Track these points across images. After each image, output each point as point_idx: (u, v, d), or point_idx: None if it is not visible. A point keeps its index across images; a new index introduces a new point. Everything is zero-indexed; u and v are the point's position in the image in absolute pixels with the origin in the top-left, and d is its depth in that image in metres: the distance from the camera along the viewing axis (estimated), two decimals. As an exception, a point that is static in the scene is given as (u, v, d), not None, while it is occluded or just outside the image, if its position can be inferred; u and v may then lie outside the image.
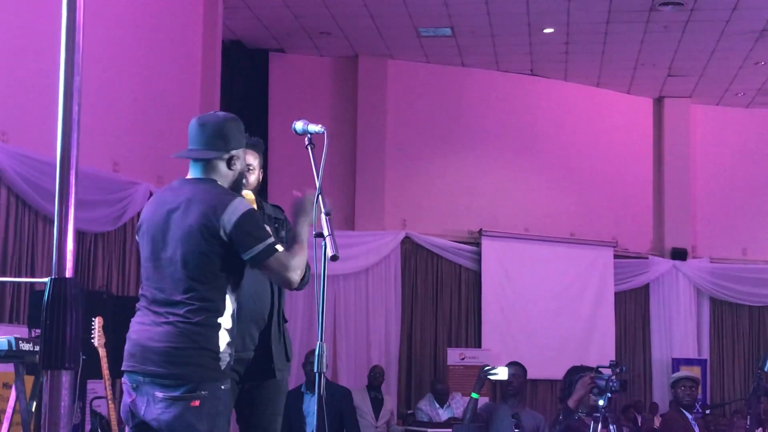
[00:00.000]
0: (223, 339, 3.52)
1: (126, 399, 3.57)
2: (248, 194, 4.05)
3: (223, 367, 3.52)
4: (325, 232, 3.31)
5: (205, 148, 3.62)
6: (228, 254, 3.50)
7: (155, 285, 3.55)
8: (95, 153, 8.80)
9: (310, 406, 8.34)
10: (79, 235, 8.59)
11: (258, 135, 3.74)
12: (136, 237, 3.73)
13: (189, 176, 3.68)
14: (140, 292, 3.65)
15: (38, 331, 6.52)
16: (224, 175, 3.64)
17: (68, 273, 1.78)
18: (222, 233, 3.45)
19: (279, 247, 3.53)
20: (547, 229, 13.67)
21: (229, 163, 3.64)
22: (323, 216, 3.29)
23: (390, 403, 10.98)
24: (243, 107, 11.70)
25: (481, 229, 13.24)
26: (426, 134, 13.43)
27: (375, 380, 10.78)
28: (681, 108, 14.70)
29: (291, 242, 3.64)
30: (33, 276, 7.54)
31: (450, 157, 13.48)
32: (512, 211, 13.59)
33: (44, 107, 8.17)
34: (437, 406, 10.93)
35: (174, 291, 3.49)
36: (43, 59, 8.13)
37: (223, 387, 3.52)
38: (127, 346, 3.58)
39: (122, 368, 3.58)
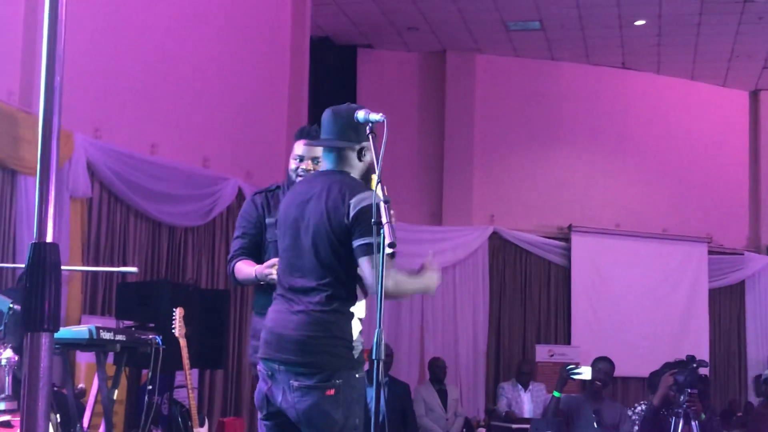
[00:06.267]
0: (356, 328, 3.55)
1: (262, 386, 3.62)
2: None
3: (356, 356, 3.53)
4: (383, 220, 3.34)
5: (338, 138, 3.64)
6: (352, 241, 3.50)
7: (294, 274, 3.59)
8: (185, 148, 8.98)
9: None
10: (169, 230, 8.78)
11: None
12: (277, 232, 3.79)
13: (323, 168, 3.74)
14: (277, 281, 3.72)
15: (126, 322, 6.67)
16: (355, 166, 3.68)
17: (49, 238, 1.85)
18: (346, 217, 3.47)
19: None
20: (639, 225, 13.44)
21: (360, 155, 3.66)
22: (382, 204, 3.32)
23: (454, 392, 10.82)
24: (331, 103, 11.63)
25: (570, 225, 13.10)
26: (515, 129, 13.34)
27: (438, 372, 10.68)
28: (778, 100, 14.33)
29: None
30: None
31: (539, 151, 13.36)
32: (603, 206, 13.41)
33: (135, 104, 8.40)
34: (520, 388, 10.83)
35: (310, 279, 3.53)
36: (134, 58, 8.32)
37: (357, 375, 3.54)
38: (263, 334, 3.64)
39: (258, 355, 3.64)
